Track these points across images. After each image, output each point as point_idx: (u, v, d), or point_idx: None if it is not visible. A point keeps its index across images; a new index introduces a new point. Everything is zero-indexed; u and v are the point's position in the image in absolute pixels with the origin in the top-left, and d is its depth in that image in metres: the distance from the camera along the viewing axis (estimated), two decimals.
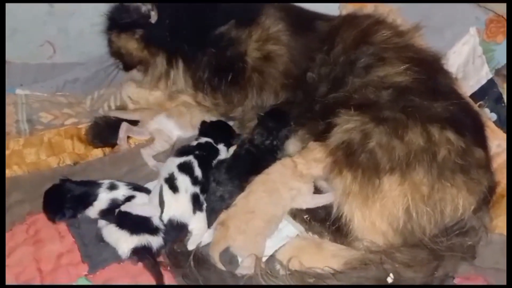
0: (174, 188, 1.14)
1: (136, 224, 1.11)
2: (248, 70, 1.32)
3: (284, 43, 1.33)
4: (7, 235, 1.15)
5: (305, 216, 1.18)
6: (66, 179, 1.19)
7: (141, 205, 1.16)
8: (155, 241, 1.10)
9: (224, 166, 1.21)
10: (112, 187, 1.19)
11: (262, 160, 1.21)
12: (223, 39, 1.33)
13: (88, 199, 1.17)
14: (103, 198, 1.17)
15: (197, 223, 1.14)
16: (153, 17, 1.34)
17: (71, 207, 1.16)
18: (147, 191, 1.21)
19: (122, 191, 1.18)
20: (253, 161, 1.22)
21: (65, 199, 1.16)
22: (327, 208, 1.15)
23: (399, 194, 1.05)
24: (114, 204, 1.16)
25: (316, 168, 1.13)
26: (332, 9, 1.64)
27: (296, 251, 1.07)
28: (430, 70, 1.26)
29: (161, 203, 1.13)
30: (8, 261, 1.10)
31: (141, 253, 1.08)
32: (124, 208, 1.14)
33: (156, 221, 1.12)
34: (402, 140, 1.09)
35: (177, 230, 1.12)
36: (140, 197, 1.18)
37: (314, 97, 1.29)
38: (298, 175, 1.14)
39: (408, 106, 1.14)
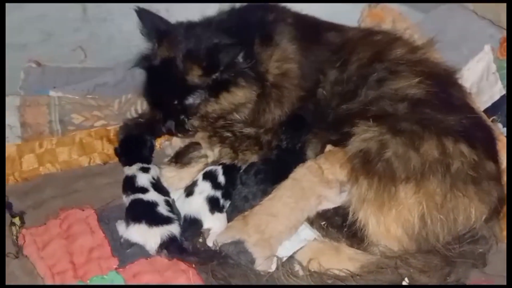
0: (189, 192, 1.25)
1: (148, 215, 1.19)
2: (268, 87, 1.38)
3: (296, 61, 1.38)
4: (42, 228, 1.22)
5: (322, 223, 1.24)
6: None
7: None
8: (175, 229, 1.18)
9: (254, 169, 1.29)
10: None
11: (290, 163, 1.27)
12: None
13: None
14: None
15: (216, 222, 1.22)
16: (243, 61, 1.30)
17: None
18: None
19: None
20: (282, 167, 1.28)
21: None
22: (343, 215, 1.20)
23: (415, 202, 1.11)
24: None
25: (341, 174, 1.19)
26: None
27: (314, 253, 1.13)
28: (443, 84, 1.32)
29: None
30: (42, 253, 1.17)
31: (169, 246, 1.15)
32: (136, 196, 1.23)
33: (163, 211, 1.20)
34: (418, 151, 1.15)
35: (190, 224, 1.21)
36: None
37: (327, 109, 1.35)
38: (325, 181, 1.20)
39: (424, 118, 1.20)
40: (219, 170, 1.29)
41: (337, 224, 1.22)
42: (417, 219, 1.10)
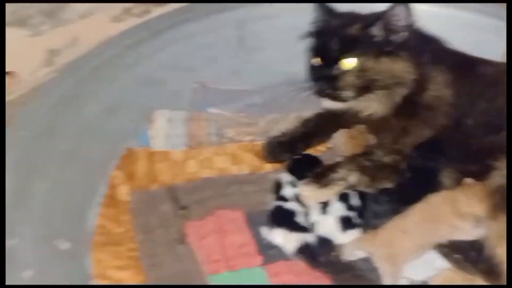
0: (323, 211, 1.37)
1: (288, 221, 1.34)
2: (419, 105, 1.43)
3: (453, 88, 1.42)
4: (201, 222, 1.44)
5: (456, 256, 1.24)
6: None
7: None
8: (310, 238, 1.31)
9: (389, 190, 1.38)
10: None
11: (422, 186, 1.33)
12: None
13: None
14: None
15: (348, 239, 1.32)
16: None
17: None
18: None
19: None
20: (413, 189, 1.34)
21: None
22: (479, 250, 1.21)
23: None
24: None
25: (478, 208, 1.21)
26: None
27: (448, 281, 1.17)
28: None
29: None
30: (200, 243, 1.38)
31: (303, 252, 1.29)
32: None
33: (301, 221, 1.34)
34: None
35: (322, 244, 1.32)
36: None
37: (470, 138, 1.37)
38: (458, 213, 1.22)
39: None
40: (354, 194, 1.39)
41: (472, 258, 1.23)
42: None
